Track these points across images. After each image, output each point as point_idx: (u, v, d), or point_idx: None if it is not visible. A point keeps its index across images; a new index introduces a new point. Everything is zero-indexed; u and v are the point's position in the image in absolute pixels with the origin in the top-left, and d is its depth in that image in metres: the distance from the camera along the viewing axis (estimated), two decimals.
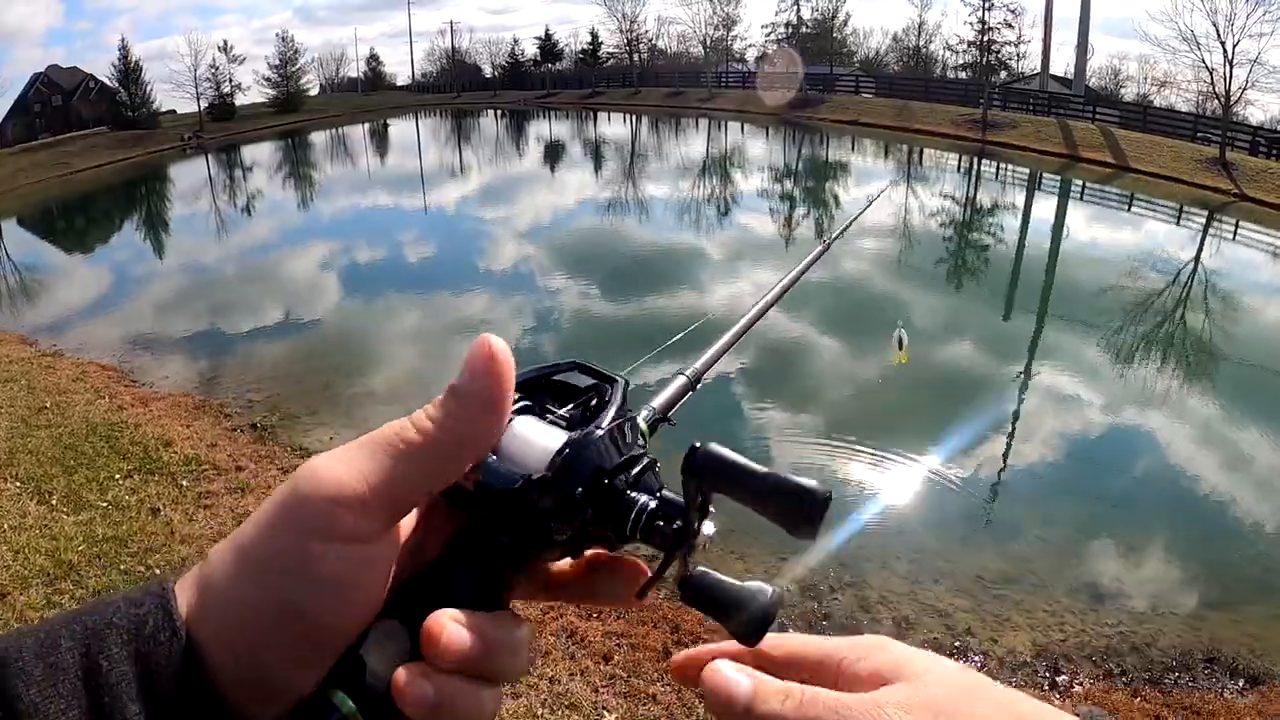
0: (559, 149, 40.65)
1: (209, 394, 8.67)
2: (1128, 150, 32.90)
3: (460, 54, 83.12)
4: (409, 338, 11.17)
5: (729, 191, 26.38)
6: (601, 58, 73.06)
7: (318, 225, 22.59)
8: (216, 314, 12.53)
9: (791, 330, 11.26)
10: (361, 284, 14.42)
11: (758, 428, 8.35)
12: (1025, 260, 18.53)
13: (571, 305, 12.73)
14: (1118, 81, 62.10)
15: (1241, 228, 23.58)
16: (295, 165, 40.45)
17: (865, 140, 40.75)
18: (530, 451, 0.49)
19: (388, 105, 71.74)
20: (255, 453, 6.73)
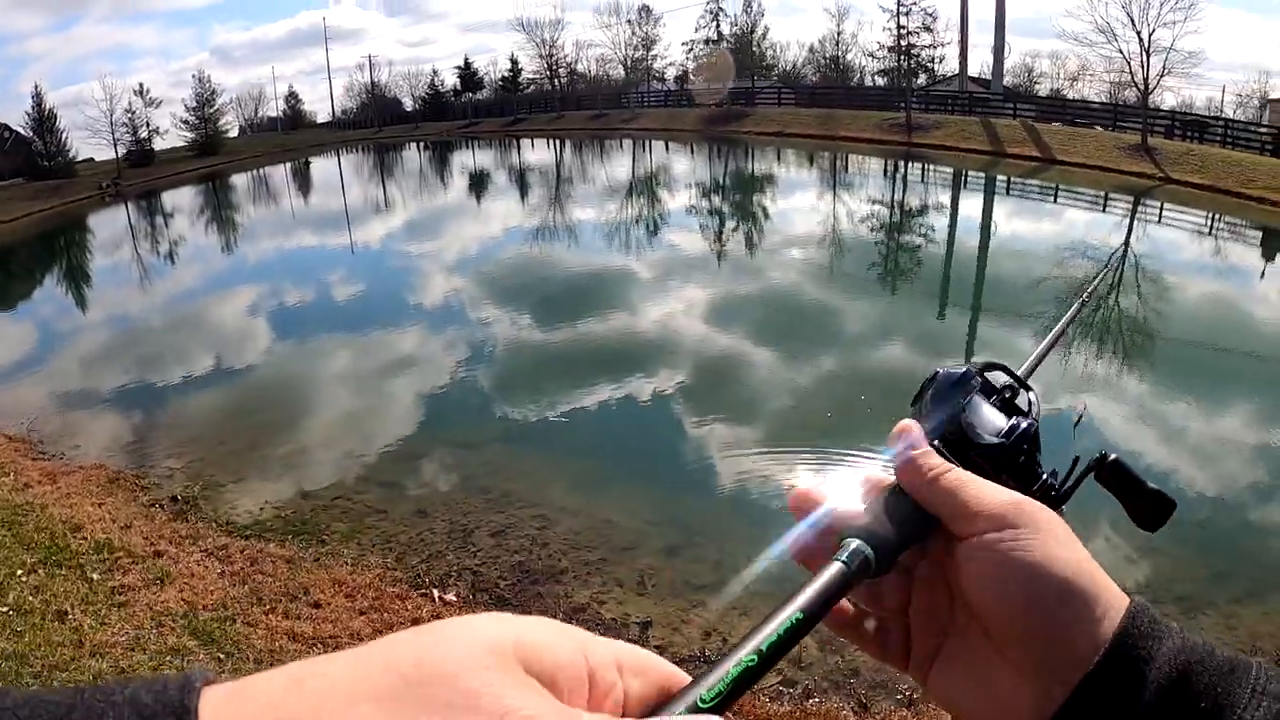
0: (484, 178, 40.34)
1: (125, 463, 8.21)
2: (1051, 143, 33.72)
3: (380, 88, 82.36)
4: (340, 384, 10.80)
5: (656, 211, 26.38)
6: (522, 84, 72.92)
7: (242, 270, 21.96)
8: (134, 371, 12.00)
9: (729, 343, 11.28)
10: (288, 330, 13.97)
11: (709, 441, 8.27)
12: (959, 258, 18.80)
13: (504, 335, 12.53)
14: (1031, 79, 63.64)
15: (1172, 209, 24.22)
16: (217, 209, 39.53)
17: (791, 151, 41.15)
18: (986, 423, 0.64)
19: (309, 143, 70.63)
20: (175, 533, 6.29)
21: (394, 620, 4.93)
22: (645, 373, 10.31)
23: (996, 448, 0.62)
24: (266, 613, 5.01)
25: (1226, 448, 8.33)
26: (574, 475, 7.51)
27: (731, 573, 5.82)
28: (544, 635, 0.40)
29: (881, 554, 0.54)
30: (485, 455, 8.05)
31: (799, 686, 4.62)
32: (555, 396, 9.65)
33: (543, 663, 0.38)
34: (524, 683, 0.37)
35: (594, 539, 6.21)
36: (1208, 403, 9.39)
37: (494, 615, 0.40)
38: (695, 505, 6.98)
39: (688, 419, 8.96)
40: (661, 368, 10.54)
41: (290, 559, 5.76)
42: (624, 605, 5.36)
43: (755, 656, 0.46)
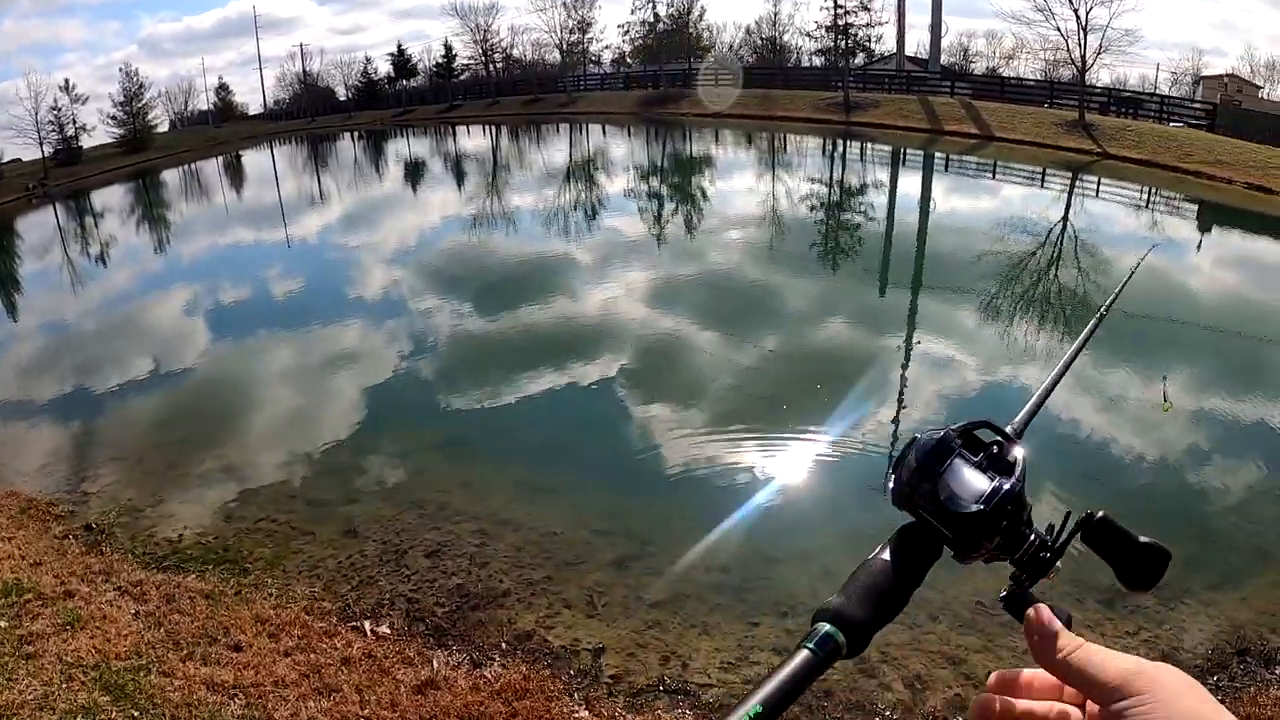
0: (419, 167, 39.46)
1: (37, 488, 7.59)
2: (990, 120, 34.02)
3: (312, 77, 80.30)
4: (266, 391, 10.24)
5: (595, 195, 26.02)
6: (457, 70, 71.68)
7: (171, 271, 20.99)
8: (52, 384, 11.26)
9: (670, 329, 11.06)
10: (215, 334, 13.30)
11: (654, 434, 7.99)
12: (900, 235, 18.80)
13: (440, 332, 12.09)
14: (967, 58, 64.24)
15: (1112, 183, 24.53)
16: (148, 207, 38.12)
17: (729, 132, 40.93)
18: (966, 489, 0.64)
19: (240, 136, 68.68)
20: (88, 568, 5.76)
21: (322, 661, 4.52)
22: (585, 366, 9.99)
23: (976, 516, 0.62)
24: (184, 659, 4.56)
25: (1185, 429, 8.27)
26: (514, 482, 7.13)
27: (688, 585, 5.50)
28: None
29: (854, 637, 0.57)
30: (419, 463, 7.63)
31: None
32: (492, 396, 9.27)
33: None
34: None
35: (538, 555, 5.84)
36: (1159, 380, 9.35)
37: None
38: (644, 508, 6.65)
39: (631, 413, 8.67)
40: (601, 359, 10.24)
41: (210, 594, 5.29)
42: (573, 630, 5.00)
43: None
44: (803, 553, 5.96)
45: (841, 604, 0.57)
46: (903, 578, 0.61)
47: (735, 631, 5.06)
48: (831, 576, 5.56)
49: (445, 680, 4.41)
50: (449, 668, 4.56)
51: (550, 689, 4.41)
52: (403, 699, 4.25)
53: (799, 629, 5.23)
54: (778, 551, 5.95)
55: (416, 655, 4.66)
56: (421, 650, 4.72)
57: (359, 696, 4.24)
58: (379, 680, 4.39)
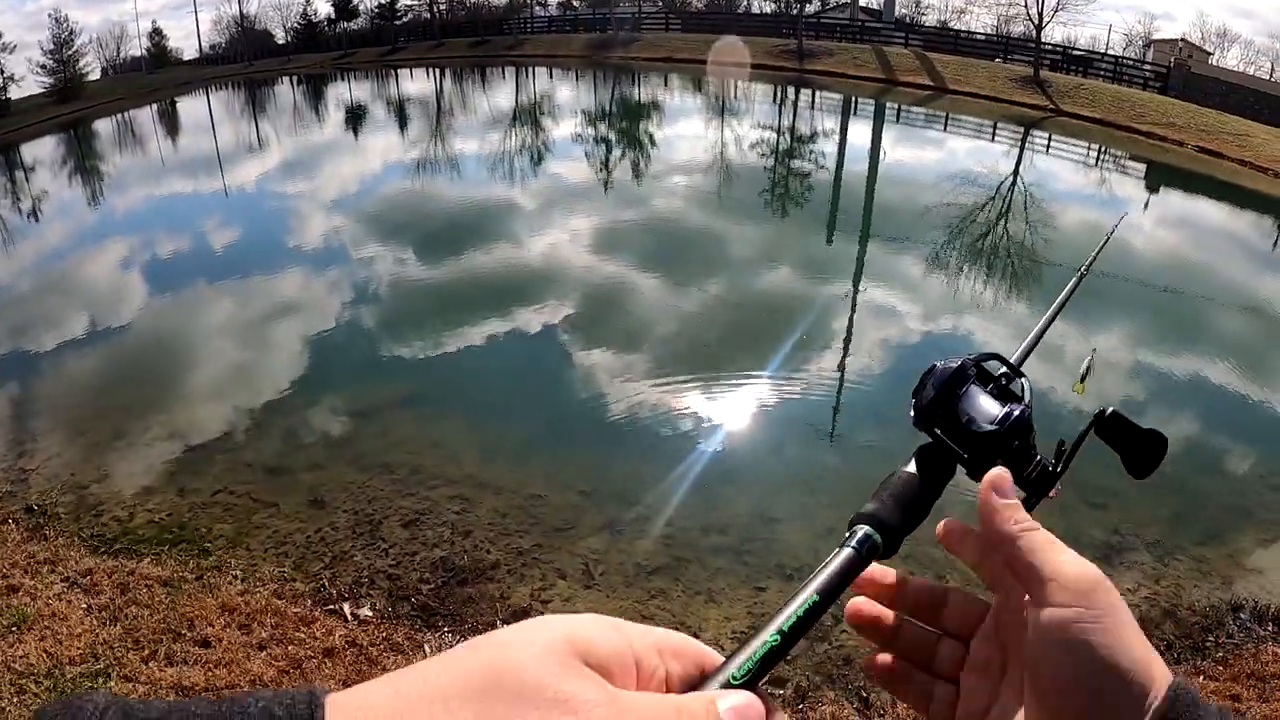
0: (360, 112, 38.13)
1: None
2: (944, 73, 33.85)
3: (249, 20, 77.30)
4: (214, 348, 9.59)
5: (541, 140, 25.36)
6: (400, 12, 69.42)
7: (106, 224, 19.82)
8: None
9: (627, 274, 10.76)
10: (155, 288, 12.49)
11: (638, 376, 7.75)
12: (849, 185, 18.58)
13: (396, 275, 11.58)
14: (919, 9, 63.85)
15: (1064, 140, 24.53)
16: (80, 159, 36.36)
17: (678, 76, 40.19)
18: (982, 412, 0.67)
19: (175, 82, 65.94)
20: (31, 558, 5.18)
21: (301, 654, 4.10)
22: (553, 313, 9.59)
23: (991, 435, 0.65)
24: (146, 659, 4.11)
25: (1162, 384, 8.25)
26: (488, 440, 6.71)
27: (686, 549, 5.17)
28: (593, 630, 0.47)
29: (889, 539, 0.61)
30: (384, 423, 7.14)
31: (790, 686, 4.02)
32: (455, 347, 8.83)
33: (596, 654, 0.46)
34: (581, 673, 0.44)
35: (524, 521, 5.44)
36: (1131, 338, 9.41)
37: (551, 617, 0.48)
38: (627, 465, 6.30)
39: (603, 362, 8.29)
40: (568, 306, 9.85)
41: (168, 580, 4.81)
42: (571, 602, 4.64)
43: (778, 636, 0.51)
44: (801, 511, 5.68)
45: (877, 509, 0.62)
46: (926, 490, 0.65)
47: (742, 597, 4.75)
48: (834, 533, 5.26)
49: None
50: (442, 651, 4.18)
51: None
52: None
53: None
54: (775, 510, 5.65)
55: (405, 640, 4.26)
56: (410, 634, 4.33)
57: None
58: (367, 672, 3.99)
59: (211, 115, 46.47)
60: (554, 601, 4.64)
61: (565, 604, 4.62)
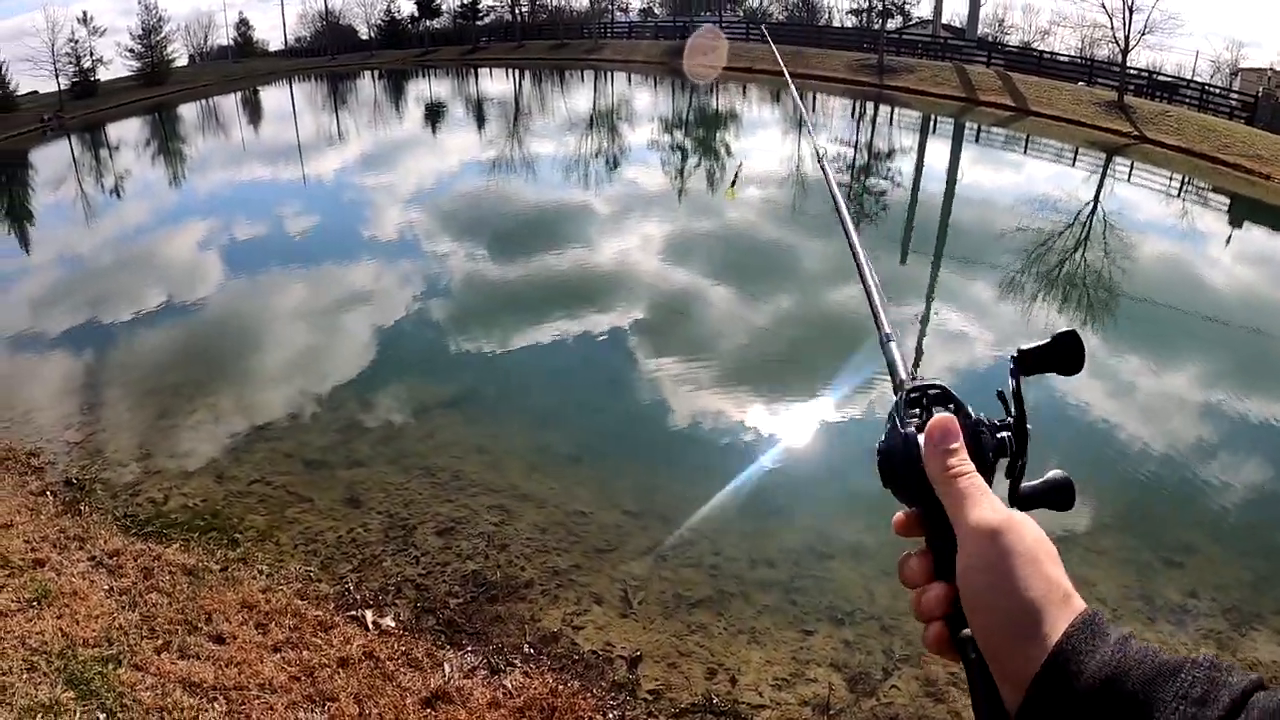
0: (440, 110, 38.43)
1: (19, 436, 6.93)
2: (1027, 93, 32.92)
3: (334, 15, 78.81)
4: (271, 335, 9.57)
5: (616, 145, 25.16)
6: (482, 12, 70.09)
7: (185, 206, 20.21)
8: (47, 321, 10.56)
9: (698, 286, 10.63)
10: (226, 272, 12.58)
11: (701, 393, 7.42)
12: (925, 204, 18.09)
13: (462, 273, 11.45)
14: (1002, 30, 62.64)
15: (1146, 168, 23.70)
16: (164, 141, 37.32)
17: (756, 87, 39.81)
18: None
19: (260, 72, 67.48)
20: (62, 532, 5.11)
21: (315, 661, 3.89)
22: (613, 323, 9.31)
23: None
24: (159, 650, 3.94)
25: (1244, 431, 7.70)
26: (536, 448, 6.47)
27: (731, 581, 4.85)
28: None
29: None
30: (431, 423, 6.94)
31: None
32: (512, 350, 8.62)
33: None
34: None
35: (564, 538, 5.18)
36: (1209, 378, 8.90)
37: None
38: (680, 487, 5.98)
39: (664, 376, 7.96)
40: (630, 316, 9.56)
41: (193, 569, 4.65)
42: (605, 631, 4.36)
43: None
44: (855, 548, 5.31)
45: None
46: None
47: (788, 640, 4.42)
48: (888, 577, 4.93)
49: (459, 691, 3.78)
50: (463, 674, 3.93)
51: (580, 706, 3.78)
52: (408, 713, 3.62)
53: (857, 640, 4.63)
54: (828, 545, 5.30)
55: (425, 657, 4.02)
56: (431, 650, 4.09)
57: (358, 709, 3.62)
58: (381, 688, 3.75)
59: (294, 105, 47.34)
60: (586, 628, 4.37)
61: (598, 632, 4.34)
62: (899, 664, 4.27)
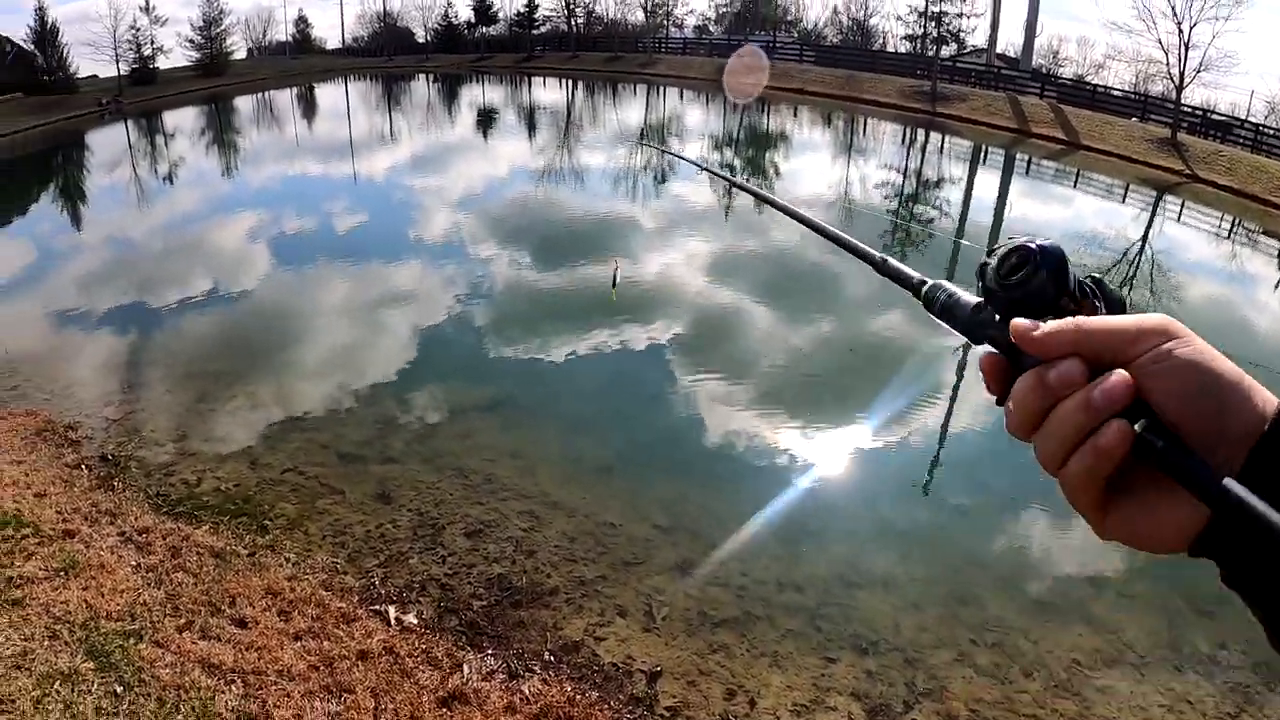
0: (492, 115, 38.77)
1: (60, 409, 7.07)
2: (1079, 127, 32.55)
3: (392, 17, 79.91)
4: (313, 327, 9.65)
5: (666, 160, 25.17)
6: (538, 21, 70.69)
7: (236, 196, 20.60)
8: (94, 299, 10.78)
9: (741, 304, 10.48)
10: (272, 262, 12.77)
11: (737, 411, 7.27)
12: (972, 234, 17.87)
13: (500, 284, 11.42)
14: (1056, 62, 62.03)
15: (1197, 208, 23.30)
16: (219, 131, 38.02)
17: (808, 109, 39.72)
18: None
19: (316, 69, 68.54)
20: (94, 506, 5.18)
21: (335, 652, 3.88)
22: (658, 334, 9.28)
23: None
24: (181, 629, 3.96)
25: None
26: (569, 457, 6.44)
27: (757, 603, 4.78)
28: None
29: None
30: (466, 425, 6.94)
31: None
32: (553, 357, 8.59)
33: None
34: None
35: (592, 548, 5.14)
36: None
37: None
38: (712, 504, 5.92)
39: (702, 392, 7.91)
40: (674, 328, 9.52)
41: (220, 552, 4.68)
42: (627, 645, 4.31)
43: None
44: (885, 578, 5.22)
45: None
46: None
47: (810, 666, 4.34)
48: (917, 610, 4.85)
49: (475, 693, 3.75)
50: (481, 676, 3.90)
51: (597, 717, 3.73)
52: (424, 711, 3.60)
53: (879, 671, 4.54)
54: (858, 574, 5.21)
55: (445, 656, 4.00)
56: (451, 650, 4.06)
57: (374, 703, 3.60)
58: (399, 684, 3.73)
59: (348, 104, 47.96)
60: (608, 640, 4.32)
61: (620, 644, 4.30)
62: (920, 697, 4.18)
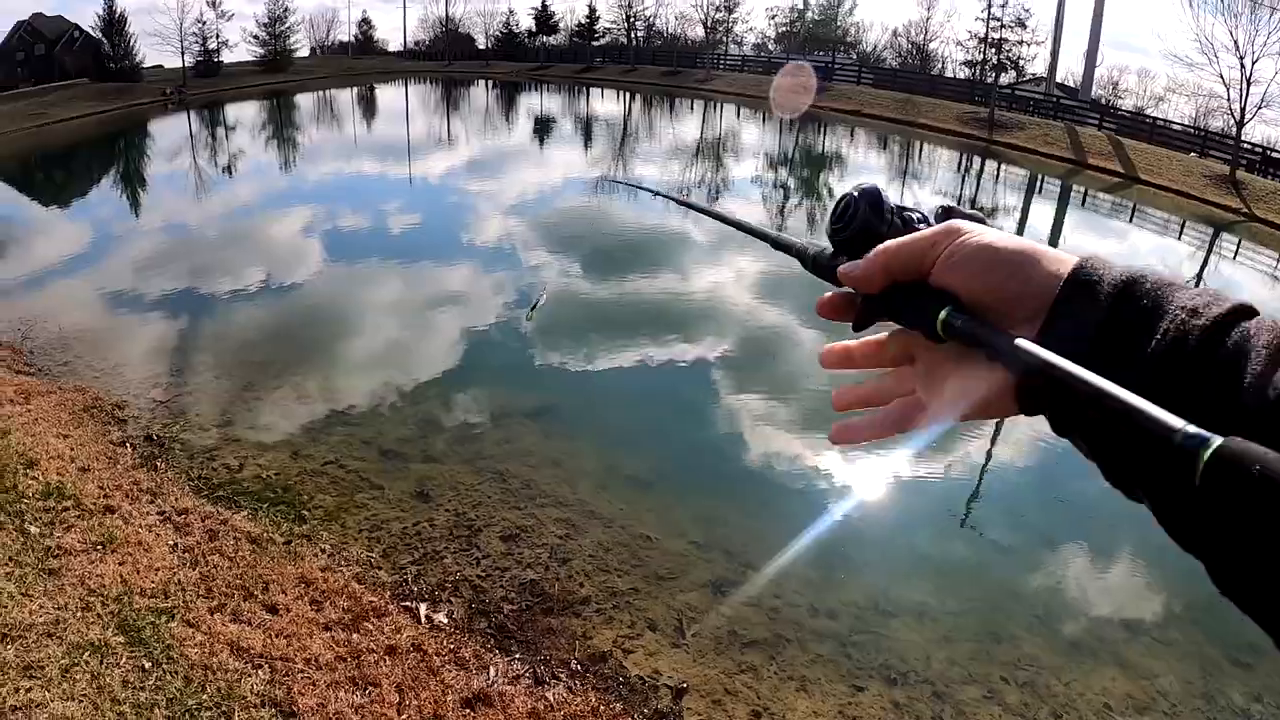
0: (549, 124, 39.06)
1: (108, 387, 7.23)
2: (1136, 160, 32.01)
3: (454, 22, 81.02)
4: (362, 323, 9.79)
5: (720, 176, 25.13)
6: (598, 33, 71.20)
7: (293, 190, 21.00)
8: (154, 284, 11.03)
9: (779, 321, 10.51)
10: (325, 257, 12.96)
11: (779, 431, 7.16)
12: None
13: (550, 291, 11.39)
14: (1116, 93, 61.13)
15: (1252, 247, 22.77)
16: (278, 126, 38.77)
17: (864, 131, 39.51)
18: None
19: (377, 70, 69.68)
20: (135, 484, 5.27)
21: (364, 645, 3.89)
22: (704, 350, 9.23)
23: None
24: (213, 610, 4.00)
25: None
26: (608, 468, 6.40)
27: (788, 626, 4.72)
28: None
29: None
30: (509, 430, 6.94)
31: None
32: (597, 367, 8.58)
33: None
34: None
35: (626, 560, 5.10)
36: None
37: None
38: (749, 524, 5.85)
39: (745, 409, 7.85)
40: (720, 346, 9.46)
41: (257, 538, 4.73)
42: (655, 658, 4.27)
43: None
44: (919, 609, 5.12)
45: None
46: None
47: (836, 693, 4.27)
48: (949, 643, 4.75)
49: (500, 695, 3.74)
50: (507, 680, 3.89)
51: None
52: (448, 710, 3.59)
53: (907, 703, 4.45)
54: (891, 603, 5.12)
55: (472, 657, 3.99)
56: (479, 652, 4.05)
57: (398, 698, 3.59)
58: (424, 681, 3.73)
59: (407, 105, 48.62)
60: (636, 653, 4.28)
61: (648, 658, 4.25)
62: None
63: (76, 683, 3.38)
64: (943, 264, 0.58)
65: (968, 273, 0.57)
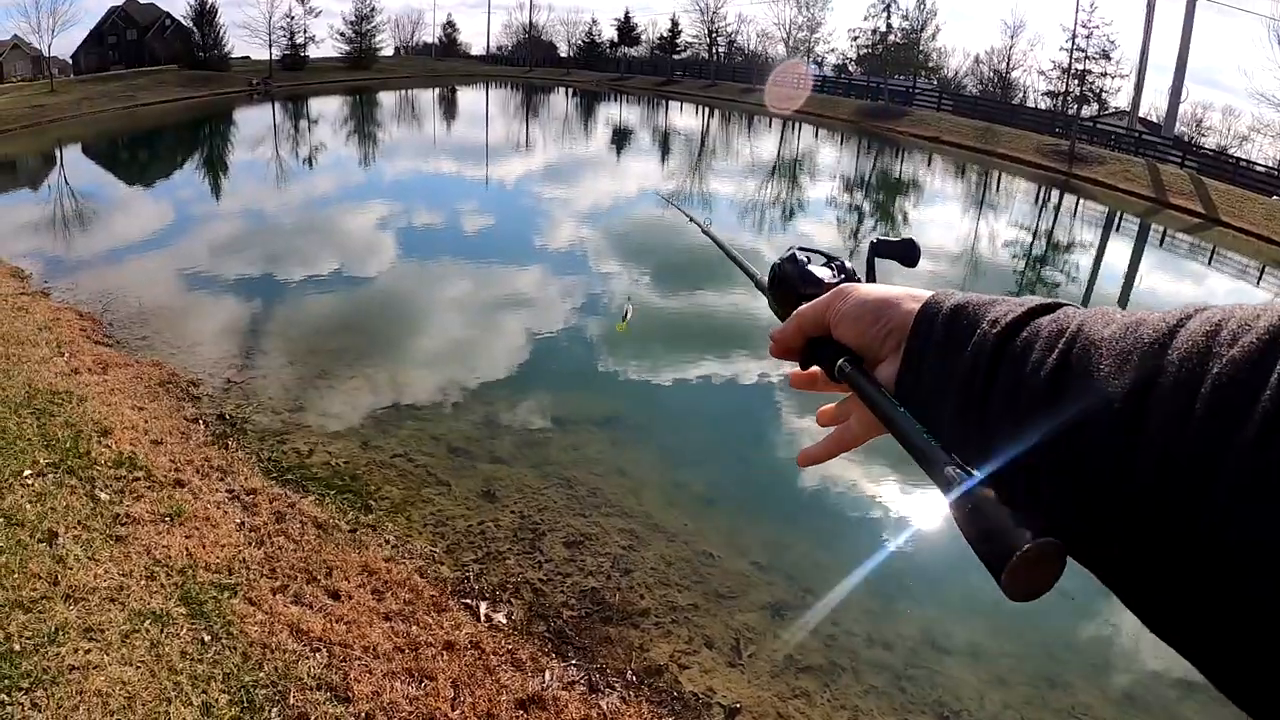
0: (627, 135, 39.26)
1: (184, 364, 7.43)
2: (1218, 201, 30.97)
3: (537, 29, 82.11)
4: (437, 320, 9.94)
5: (795, 196, 24.97)
6: (679, 46, 71.46)
7: (370, 186, 21.42)
8: (234, 268, 11.36)
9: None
10: (401, 254, 13.20)
11: (850, 458, 7.03)
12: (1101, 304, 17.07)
13: (621, 292, 11.48)
14: (1199, 131, 59.45)
15: None
16: (360, 122, 39.61)
17: (942, 158, 38.97)
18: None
19: (458, 72, 70.91)
20: (206, 461, 5.39)
21: (422, 638, 3.91)
22: (770, 373, 9.14)
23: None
24: (275, 591, 4.06)
25: None
26: (677, 484, 6.36)
27: (845, 655, 4.63)
28: None
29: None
30: (577, 436, 6.95)
31: None
32: (668, 380, 8.55)
33: None
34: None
35: (688, 576, 5.06)
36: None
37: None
38: (813, 550, 5.76)
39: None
40: (785, 369, 9.30)
41: (323, 524, 4.79)
42: (710, 676, 4.22)
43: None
44: (975, 648, 5.00)
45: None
46: None
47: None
48: (1004, 685, 4.63)
49: (554, 700, 3.72)
50: (561, 685, 3.87)
51: None
52: (501, 709, 3.58)
53: None
54: (949, 640, 5.00)
55: (529, 660, 3.99)
56: (535, 655, 4.05)
57: (453, 693, 3.60)
58: (480, 680, 3.74)
59: (487, 109, 49.27)
60: (692, 669, 4.24)
61: (704, 676, 4.21)
62: None
63: (135, 649, 3.44)
64: (835, 321, 0.70)
65: (849, 325, 0.68)
